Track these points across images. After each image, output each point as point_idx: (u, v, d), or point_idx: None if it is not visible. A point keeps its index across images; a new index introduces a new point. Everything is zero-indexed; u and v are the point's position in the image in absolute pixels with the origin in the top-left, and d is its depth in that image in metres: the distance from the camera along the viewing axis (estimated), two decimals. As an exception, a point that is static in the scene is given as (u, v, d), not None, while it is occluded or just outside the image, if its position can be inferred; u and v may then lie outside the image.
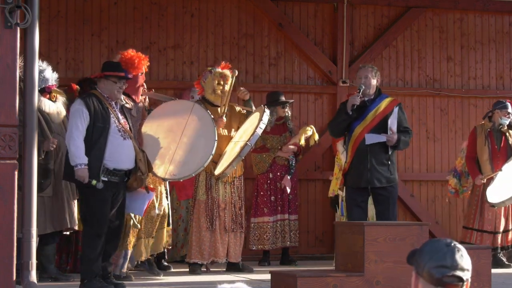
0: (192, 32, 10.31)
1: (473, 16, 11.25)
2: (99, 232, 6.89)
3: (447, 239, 3.13)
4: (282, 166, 9.34)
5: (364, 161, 7.59)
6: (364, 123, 7.65)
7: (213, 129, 7.63)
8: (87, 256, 6.89)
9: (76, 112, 6.89)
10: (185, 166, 7.54)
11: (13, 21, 5.74)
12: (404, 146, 7.81)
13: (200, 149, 7.59)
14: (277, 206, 9.29)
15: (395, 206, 7.80)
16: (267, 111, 8.23)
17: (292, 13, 10.68)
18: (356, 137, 7.66)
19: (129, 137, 7.03)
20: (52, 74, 7.84)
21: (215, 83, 8.37)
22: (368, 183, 7.59)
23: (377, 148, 7.61)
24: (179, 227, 9.48)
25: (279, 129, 9.43)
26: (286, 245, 9.30)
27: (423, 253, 3.09)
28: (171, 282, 7.73)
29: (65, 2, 9.93)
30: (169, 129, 7.72)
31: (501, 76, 11.32)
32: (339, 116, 7.74)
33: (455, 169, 9.76)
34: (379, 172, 7.60)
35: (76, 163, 6.77)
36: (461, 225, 10.22)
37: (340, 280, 6.28)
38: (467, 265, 3.10)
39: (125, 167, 7.01)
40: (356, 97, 7.61)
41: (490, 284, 6.73)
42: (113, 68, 7.11)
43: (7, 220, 5.70)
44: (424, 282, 3.06)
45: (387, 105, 7.75)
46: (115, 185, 6.95)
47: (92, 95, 7.01)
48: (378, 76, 7.84)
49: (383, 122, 7.66)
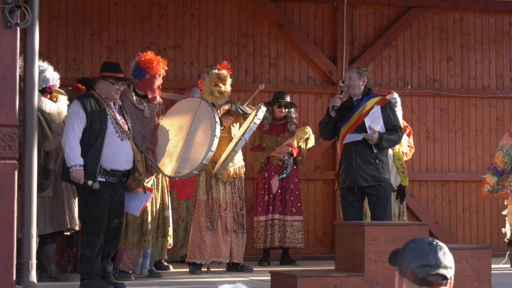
0: (192, 32, 10.31)
1: (473, 16, 11.25)
2: (97, 232, 6.90)
3: (428, 238, 3.14)
4: (277, 166, 9.33)
5: (350, 160, 7.66)
6: (348, 124, 7.72)
7: (215, 125, 7.64)
8: (86, 256, 6.91)
9: (72, 113, 6.91)
10: (187, 163, 7.57)
11: (13, 21, 5.74)
12: (389, 144, 7.77)
13: (202, 146, 7.61)
14: (270, 206, 9.29)
15: (387, 205, 7.75)
16: (263, 107, 8.28)
17: (292, 13, 10.67)
18: (341, 138, 7.73)
19: (127, 138, 7.03)
20: (54, 74, 7.85)
21: (212, 84, 8.39)
22: (354, 182, 7.62)
23: (361, 147, 7.64)
24: (179, 227, 9.49)
25: (278, 129, 9.42)
26: (284, 245, 9.28)
27: (405, 252, 3.09)
28: (171, 282, 7.73)
29: (65, 2, 9.92)
30: (179, 127, 7.80)
31: (501, 76, 11.31)
32: (324, 118, 7.84)
33: (495, 166, 9.46)
34: (365, 171, 7.62)
35: (71, 164, 6.79)
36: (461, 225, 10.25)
37: (340, 280, 6.29)
38: (450, 263, 3.11)
39: (123, 167, 7.02)
40: (336, 98, 7.72)
41: (490, 284, 6.73)
42: (111, 69, 7.11)
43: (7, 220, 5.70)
44: (408, 281, 3.07)
45: (372, 105, 7.76)
46: (113, 186, 6.96)
47: (89, 96, 7.03)
48: (365, 76, 7.84)
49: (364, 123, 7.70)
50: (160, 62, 7.93)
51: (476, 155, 11.14)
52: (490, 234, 11.09)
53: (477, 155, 11.14)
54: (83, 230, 7.05)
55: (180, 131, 7.78)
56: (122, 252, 7.78)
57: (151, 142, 7.72)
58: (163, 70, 8.00)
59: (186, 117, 7.85)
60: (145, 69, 7.81)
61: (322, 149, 10.54)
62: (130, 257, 7.78)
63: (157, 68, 7.88)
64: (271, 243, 9.27)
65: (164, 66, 7.99)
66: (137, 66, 7.86)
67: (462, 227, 11.05)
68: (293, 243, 9.28)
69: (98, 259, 6.92)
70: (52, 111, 7.69)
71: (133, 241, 7.76)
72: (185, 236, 9.33)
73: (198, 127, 7.75)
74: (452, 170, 11.07)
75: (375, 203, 7.70)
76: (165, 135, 7.79)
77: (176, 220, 9.39)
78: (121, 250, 7.74)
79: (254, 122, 8.09)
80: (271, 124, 9.40)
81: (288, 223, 9.28)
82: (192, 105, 7.97)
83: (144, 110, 7.80)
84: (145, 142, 7.69)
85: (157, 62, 7.88)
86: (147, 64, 7.81)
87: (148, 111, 7.81)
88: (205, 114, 7.79)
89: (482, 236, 11.07)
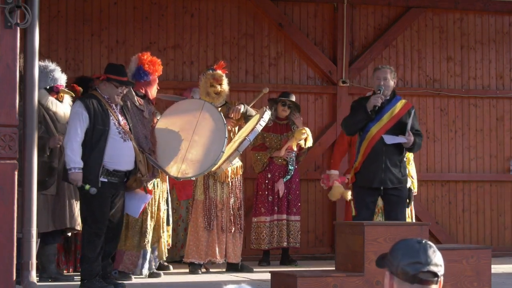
0: (192, 32, 10.31)
1: (473, 16, 11.25)
2: (98, 232, 6.91)
3: (417, 238, 3.17)
4: (280, 166, 9.32)
5: (379, 161, 7.57)
6: (380, 124, 7.63)
7: (223, 126, 7.64)
8: (87, 256, 6.91)
9: (75, 115, 6.89)
10: (197, 164, 7.55)
11: (13, 21, 5.74)
12: (418, 148, 7.87)
13: (212, 147, 7.60)
14: (274, 206, 9.28)
15: (404, 208, 7.82)
16: (268, 111, 8.29)
17: (292, 13, 10.68)
18: (371, 137, 7.60)
19: (129, 139, 7.03)
20: (61, 75, 7.88)
21: (208, 85, 8.40)
22: (381, 183, 7.58)
23: (392, 149, 7.61)
24: (179, 227, 9.49)
25: (281, 128, 9.42)
26: (283, 245, 9.27)
27: (395, 252, 3.11)
28: (171, 282, 7.73)
29: (65, 2, 9.92)
30: (181, 128, 7.77)
31: (501, 76, 11.31)
32: (358, 114, 7.63)
33: None
34: (392, 173, 7.60)
35: (70, 166, 6.78)
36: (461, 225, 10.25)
37: (340, 280, 6.29)
38: (440, 261, 3.12)
39: (125, 168, 7.02)
40: (379, 98, 7.59)
41: (490, 284, 6.73)
42: (116, 72, 7.10)
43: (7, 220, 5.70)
44: (399, 280, 3.08)
45: (402, 107, 7.74)
46: (114, 186, 6.97)
47: (92, 97, 7.01)
48: (395, 77, 7.86)
49: (398, 124, 7.65)
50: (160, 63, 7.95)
51: (476, 155, 11.14)
52: (490, 234, 11.09)
53: (477, 155, 11.14)
54: (84, 230, 7.05)
55: (183, 132, 7.74)
56: (122, 253, 7.78)
57: (152, 143, 7.72)
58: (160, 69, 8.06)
59: (189, 118, 7.81)
60: (149, 71, 7.80)
61: (322, 149, 10.54)
62: (130, 258, 7.79)
63: (159, 70, 7.91)
64: (278, 243, 9.26)
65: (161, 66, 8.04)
66: (140, 68, 7.83)
67: (462, 227, 11.05)
68: (293, 243, 9.29)
69: (98, 259, 6.92)
70: (58, 111, 7.70)
71: (133, 242, 7.77)
72: (185, 236, 9.33)
73: (204, 128, 7.71)
74: (452, 170, 11.07)
75: (394, 205, 7.67)
76: (166, 136, 7.76)
77: (176, 220, 9.39)
78: (120, 251, 7.74)
79: (260, 124, 8.07)
80: (275, 122, 9.40)
81: (292, 223, 9.30)
82: (194, 106, 7.95)
83: (144, 111, 7.80)
84: (148, 143, 7.70)
85: (158, 64, 7.91)
86: (151, 66, 7.81)
87: (147, 111, 7.82)
88: (211, 116, 7.76)
89: (482, 236, 11.07)
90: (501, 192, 11.16)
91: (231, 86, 8.90)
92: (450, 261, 6.59)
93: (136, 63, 7.90)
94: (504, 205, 11.15)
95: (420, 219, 10.51)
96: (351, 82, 10.66)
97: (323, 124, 10.61)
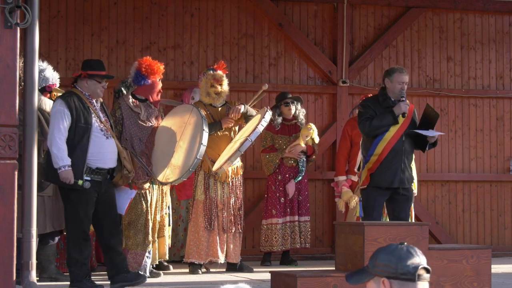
0: (192, 32, 10.31)
1: (473, 16, 11.25)
2: (83, 235, 6.85)
3: (395, 243, 3.28)
4: (290, 167, 9.34)
5: (398, 161, 7.62)
6: (397, 125, 7.68)
7: (202, 133, 7.58)
8: (75, 258, 6.84)
9: (57, 113, 6.81)
10: (177, 170, 7.55)
11: (13, 21, 5.75)
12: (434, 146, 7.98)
13: (190, 153, 7.58)
14: (286, 208, 9.29)
15: (410, 207, 7.95)
16: (269, 111, 8.29)
17: (292, 13, 10.68)
18: (391, 138, 7.63)
19: (111, 136, 7.00)
20: (53, 74, 7.85)
21: (208, 86, 8.40)
22: (400, 183, 7.63)
23: (409, 148, 7.71)
24: (179, 227, 9.49)
25: (289, 129, 9.44)
26: (296, 246, 9.32)
27: (386, 259, 3.20)
28: (171, 282, 7.73)
29: (65, 2, 9.92)
30: (172, 133, 7.77)
31: (501, 76, 11.32)
32: (386, 119, 7.64)
33: None
34: (408, 173, 7.73)
35: (59, 165, 6.71)
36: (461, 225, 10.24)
37: (340, 280, 6.28)
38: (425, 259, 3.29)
39: (108, 165, 6.98)
40: (406, 106, 7.68)
41: (490, 284, 6.73)
42: (96, 67, 7.07)
43: (7, 220, 5.70)
44: (401, 282, 3.17)
45: (409, 107, 7.80)
46: (98, 184, 6.91)
47: (72, 94, 6.94)
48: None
49: (411, 124, 7.75)
50: (160, 66, 7.91)
51: (476, 155, 11.14)
52: (490, 234, 11.09)
53: (477, 155, 11.14)
54: (69, 232, 6.95)
55: (172, 137, 7.76)
56: (127, 252, 7.77)
57: (147, 147, 7.70)
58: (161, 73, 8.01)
59: (179, 123, 7.84)
60: (147, 75, 7.79)
61: (322, 149, 10.53)
62: (135, 257, 7.78)
63: (158, 73, 7.87)
64: (292, 245, 9.27)
65: (162, 69, 7.98)
66: (138, 72, 7.83)
67: (462, 227, 11.05)
68: (303, 244, 9.33)
69: (87, 262, 6.88)
70: None
71: (136, 241, 7.75)
72: (185, 236, 9.32)
73: (189, 134, 7.72)
74: (452, 170, 11.07)
75: (402, 204, 7.71)
76: (161, 140, 7.78)
77: (176, 220, 9.39)
78: (125, 250, 7.74)
79: (261, 125, 8.07)
80: (282, 124, 9.41)
81: (302, 223, 9.33)
82: (184, 112, 7.95)
83: (140, 113, 7.78)
84: (141, 145, 7.68)
85: (158, 67, 7.87)
86: (148, 70, 7.79)
87: (144, 114, 7.78)
88: (195, 122, 7.75)
89: (482, 236, 11.07)
90: (501, 192, 11.16)
91: (231, 86, 8.90)
92: (450, 261, 6.60)
93: (135, 68, 7.90)
94: (504, 205, 11.15)
95: (420, 219, 10.51)
96: (351, 82, 10.66)
97: (323, 124, 10.61)
